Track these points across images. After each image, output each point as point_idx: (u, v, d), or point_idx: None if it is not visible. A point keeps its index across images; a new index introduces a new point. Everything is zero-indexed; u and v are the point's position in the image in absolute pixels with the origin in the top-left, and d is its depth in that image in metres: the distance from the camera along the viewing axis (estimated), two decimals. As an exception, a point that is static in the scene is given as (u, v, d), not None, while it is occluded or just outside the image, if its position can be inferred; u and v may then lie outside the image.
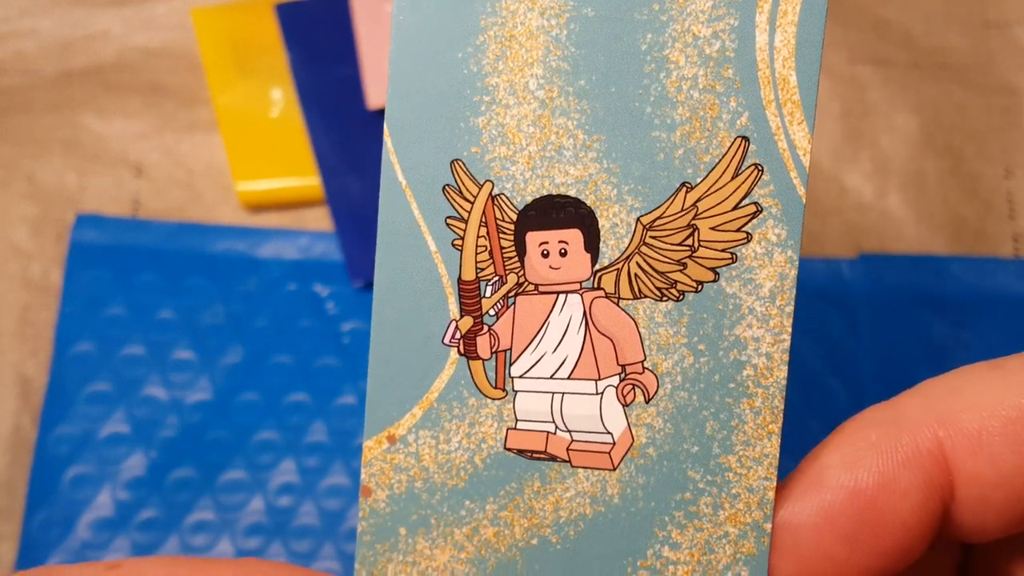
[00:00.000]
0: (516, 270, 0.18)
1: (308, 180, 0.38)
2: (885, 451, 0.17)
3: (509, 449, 0.18)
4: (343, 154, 0.38)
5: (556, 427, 0.18)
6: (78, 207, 0.39)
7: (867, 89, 0.41)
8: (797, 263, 0.17)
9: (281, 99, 0.40)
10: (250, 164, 0.39)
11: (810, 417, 0.35)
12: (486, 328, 0.18)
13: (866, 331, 0.36)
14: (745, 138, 0.17)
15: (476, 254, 0.18)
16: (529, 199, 0.18)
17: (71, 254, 0.37)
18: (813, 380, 0.36)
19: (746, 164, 0.17)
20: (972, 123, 0.40)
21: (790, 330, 0.18)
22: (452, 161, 0.18)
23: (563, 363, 0.18)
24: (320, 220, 0.39)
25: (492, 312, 0.18)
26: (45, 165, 0.39)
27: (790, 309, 0.18)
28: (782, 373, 0.18)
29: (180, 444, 0.35)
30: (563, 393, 0.18)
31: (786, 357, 0.18)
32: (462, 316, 0.18)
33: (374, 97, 0.38)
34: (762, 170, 0.17)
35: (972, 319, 0.37)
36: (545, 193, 0.18)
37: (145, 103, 0.40)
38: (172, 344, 0.36)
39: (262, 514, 0.35)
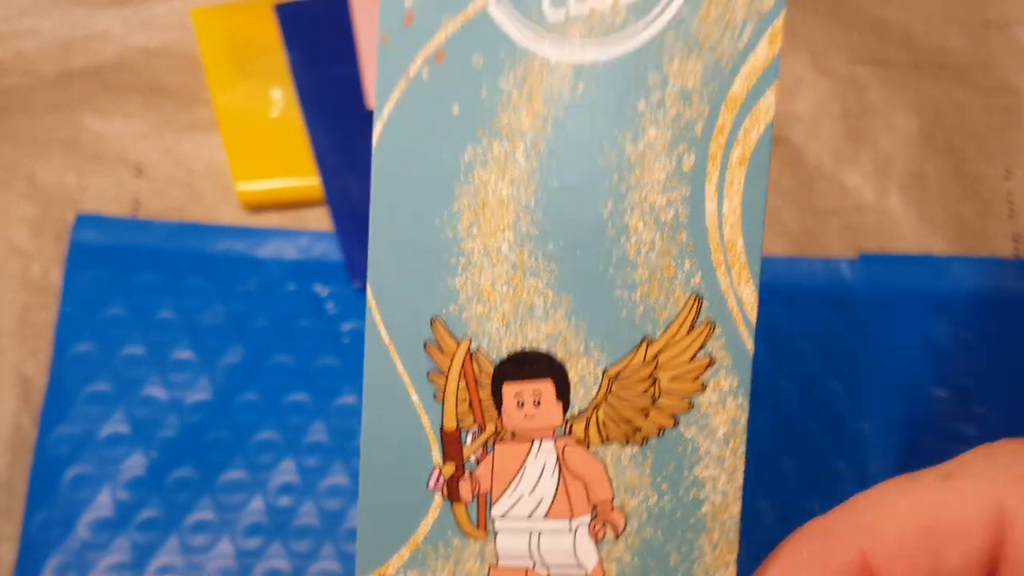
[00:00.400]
0: (494, 419, 0.20)
1: (308, 180, 0.38)
2: (817, 565, 0.18)
3: None
4: (343, 154, 0.38)
5: (534, 563, 0.20)
6: (78, 207, 0.39)
7: (867, 89, 0.41)
8: (747, 409, 0.19)
9: (281, 99, 0.40)
10: (250, 164, 0.39)
11: (810, 417, 0.35)
12: (467, 473, 0.20)
13: (866, 331, 0.36)
14: (699, 296, 0.19)
15: (457, 405, 0.19)
16: (504, 353, 0.19)
17: (71, 254, 0.37)
18: (813, 380, 0.36)
19: (700, 320, 0.19)
20: (972, 123, 0.40)
21: (743, 469, 0.19)
22: (432, 319, 0.19)
23: (539, 504, 0.20)
24: (320, 220, 0.39)
25: (473, 458, 0.20)
26: (45, 165, 0.39)
27: (742, 451, 0.19)
28: (736, 508, 0.19)
29: (180, 444, 0.35)
30: (540, 532, 0.20)
31: (739, 494, 0.19)
32: (445, 463, 0.20)
33: (374, 97, 0.38)
34: (714, 326, 0.19)
35: (972, 319, 0.37)
36: (519, 348, 0.19)
37: (145, 103, 0.40)
38: (172, 344, 0.36)
39: (262, 514, 0.35)
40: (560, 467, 0.20)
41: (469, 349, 0.19)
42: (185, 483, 0.35)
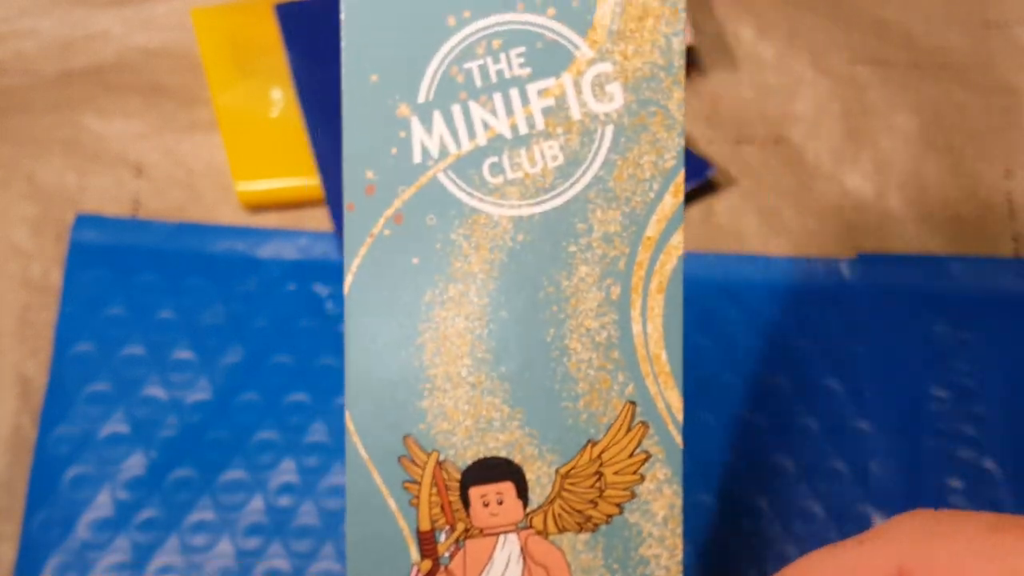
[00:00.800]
0: (463, 518, 0.23)
1: (308, 180, 0.39)
2: None
3: None
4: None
5: None
6: (78, 207, 0.39)
7: (867, 89, 0.41)
8: (681, 495, 0.22)
9: (281, 99, 0.40)
10: (250, 164, 0.39)
11: (809, 415, 0.35)
12: (443, 568, 0.23)
13: (865, 331, 0.36)
14: (632, 402, 0.22)
15: (430, 509, 0.22)
16: (469, 461, 0.22)
17: (71, 254, 0.37)
18: (812, 380, 0.36)
19: (635, 422, 0.22)
20: (972, 123, 0.40)
21: (681, 546, 0.23)
22: (404, 436, 0.22)
23: None
24: (320, 220, 0.39)
25: (447, 554, 0.23)
26: (45, 165, 0.39)
27: (680, 531, 0.23)
28: None
29: (180, 444, 0.35)
30: None
31: (680, 568, 0.23)
32: (422, 560, 0.22)
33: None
34: (648, 426, 0.22)
35: (972, 319, 0.37)
36: (482, 456, 0.22)
37: (145, 103, 0.40)
38: (172, 344, 0.36)
39: (262, 514, 0.35)
40: (524, 556, 0.23)
41: (438, 460, 0.22)
42: (185, 483, 0.35)
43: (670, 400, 0.22)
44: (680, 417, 0.23)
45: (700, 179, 0.38)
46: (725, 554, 0.34)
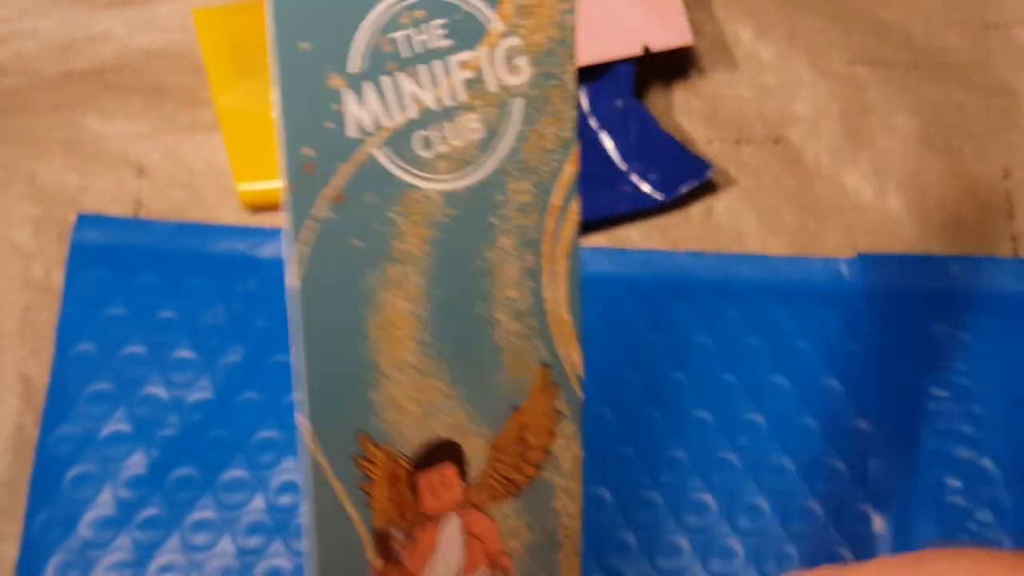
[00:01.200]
0: (413, 508, 0.23)
1: (309, 180, 0.39)
2: None
3: None
4: (343, 154, 0.38)
5: None
6: (79, 207, 0.39)
7: (866, 89, 0.41)
8: (582, 445, 0.24)
9: (282, 99, 0.40)
10: (251, 165, 0.39)
11: (808, 415, 0.35)
12: (397, 562, 0.24)
13: (865, 331, 0.37)
14: (547, 365, 0.24)
15: (384, 507, 0.23)
16: (417, 449, 0.23)
17: (72, 254, 0.38)
18: (812, 380, 0.36)
19: (548, 383, 0.24)
20: (971, 124, 0.40)
21: (581, 493, 0.24)
22: (358, 434, 0.23)
23: (455, 567, 0.24)
24: (321, 220, 0.39)
25: (401, 551, 0.24)
26: (46, 165, 0.39)
27: (580, 478, 0.24)
28: (579, 524, 0.25)
29: (181, 443, 0.35)
30: None
31: (581, 513, 0.25)
32: (379, 558, 0.23)
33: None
34: (558, 386, 0.24)
35: (971, 319, 0.37)
36: (427, 442, 0.23)
37: (146, 103, 0.41)
38: (173, 344, 0.37)
39: (263, 513, 0.35)
40: (463, 532, 0.24)
41: (391, 455, 0.23)
42: (186, 482, 0.35)
43: (573, 359, 0.24)
44: (581, 372, 0.24)
45: (700, 179, 0.38)
46: (724, 553, 0.34)
